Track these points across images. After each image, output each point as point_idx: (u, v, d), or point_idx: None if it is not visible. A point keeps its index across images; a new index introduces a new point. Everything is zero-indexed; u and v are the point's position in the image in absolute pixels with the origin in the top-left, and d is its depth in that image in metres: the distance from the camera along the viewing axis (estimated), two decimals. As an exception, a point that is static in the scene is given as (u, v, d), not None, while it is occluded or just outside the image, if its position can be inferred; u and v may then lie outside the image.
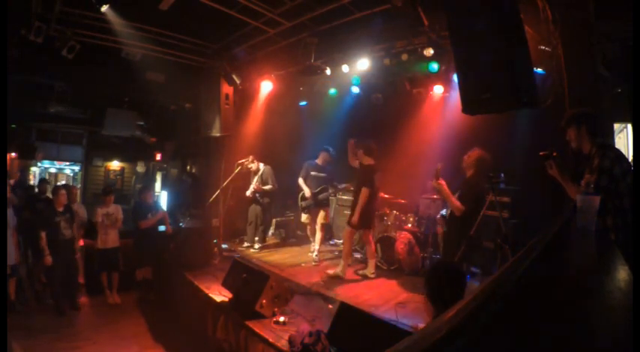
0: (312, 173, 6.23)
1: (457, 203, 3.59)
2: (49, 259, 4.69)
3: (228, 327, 3.75)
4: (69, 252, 4.95)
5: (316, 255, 5.70)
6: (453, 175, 4.13)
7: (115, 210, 5.38)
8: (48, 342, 4.07)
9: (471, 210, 3.51)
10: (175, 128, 9.64)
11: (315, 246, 5.81)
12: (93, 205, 5.84)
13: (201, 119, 6.90)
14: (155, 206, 5.83)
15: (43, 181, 6.61)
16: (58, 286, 4.86)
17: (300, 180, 6.17)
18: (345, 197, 7.17)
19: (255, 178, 6.30)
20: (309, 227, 6.33)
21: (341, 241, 7.09)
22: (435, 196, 5.77)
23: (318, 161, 6.25)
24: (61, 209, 4.94)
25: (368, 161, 4.89)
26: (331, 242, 7.07)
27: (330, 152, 6.14)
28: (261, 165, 6.38)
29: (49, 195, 6.60)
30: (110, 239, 5.27)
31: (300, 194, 6.13)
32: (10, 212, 4.60)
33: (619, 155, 2.27)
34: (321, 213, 5.97)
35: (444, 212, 4.37)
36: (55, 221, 4.83)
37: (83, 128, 10.37)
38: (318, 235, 5.86)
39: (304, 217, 6.26)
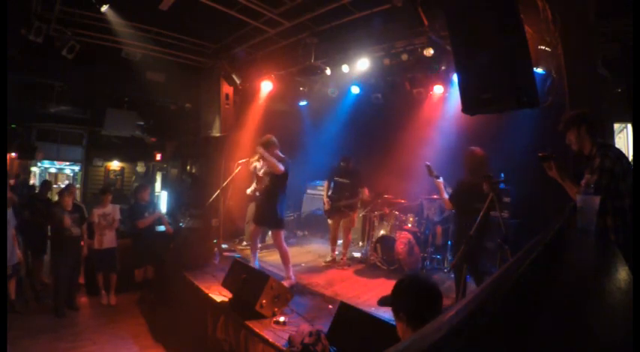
0: (336, 178, 5.71)
1: (445, 198, 3.88)
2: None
3: (228, 327, 3.75)
4: (75, 250, 4.97)
5: (339, 257, 5.67)
6: (454, 174, 4.14)
7: (112, 210, 5.33)
8: (48, 342, 4.07)
9: (457, 206, 3.79)
10: (175, 128, 9.64)
11: (341, 248, 5.74)
12: (93, 205, 5.82)
13: (201, 119, 6.90)
14: (152, 205, 5.80)
15: (45, 184, 6.57)
16: (63, 284, 4.85)
17: (325, 185, 5.81)
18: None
19: None
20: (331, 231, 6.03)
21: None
22: (435, 196, 5.78)
23: (344, 165, 5.71)
24: (69, 209, 4.95)
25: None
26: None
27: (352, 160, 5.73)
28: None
29: (49, 196, 6.61)
30: (106, 239, 5.22)
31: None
32: (10, 212, 4.59)
33: (619, 154, 2.27)
34: (346, 218, 5.67)
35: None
36: (63, 218, 4.85)
37: (83, 128, 10.39)
38: (343, 239, 5.75)
39: (329, 221, 5.89)
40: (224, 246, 6.20)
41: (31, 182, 9.54)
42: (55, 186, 10.31)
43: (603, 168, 2.18)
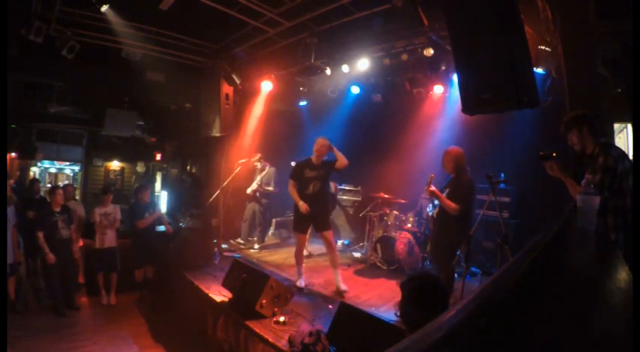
0: None
1: (452, 204, 3.49)
2: (51, 257, 4.64)
3: (228, 327, 3.75)
4: (66, 252, 4.92)
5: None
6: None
7: (114, 210, 5.33)
8: (48, 342, 4.06)
9: (466, 208, 3.50)
10: (175, 128, 9.63)
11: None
12: (93, 205, 5.80)
13: (201, 119, 6.90)
14: (152, 205, 5.80)
15: (34, 181, 6.57)
16: (56, 286, 4.83)
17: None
18: (345, 197, 7.17)
19: (259, 177, 6.30)
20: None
21: (341, 241, 7.08)
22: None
23: None
24: (57, 209, 4.90)
25: None
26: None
27: None
28: (267, 166, 6.37)
29: (42, 194, 6.59)
30: (107, 239, 5.22)
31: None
32: (10, 210, 4.58)
33: (622, 154, 2.27)
34: None
35: (430, 210, 4.08)
36: (53, 220, 4.81)
37: (83, 128, 10.35)
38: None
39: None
40: (224, 246, 6.20)
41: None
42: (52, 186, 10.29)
43: (606, 167, 2.18)
